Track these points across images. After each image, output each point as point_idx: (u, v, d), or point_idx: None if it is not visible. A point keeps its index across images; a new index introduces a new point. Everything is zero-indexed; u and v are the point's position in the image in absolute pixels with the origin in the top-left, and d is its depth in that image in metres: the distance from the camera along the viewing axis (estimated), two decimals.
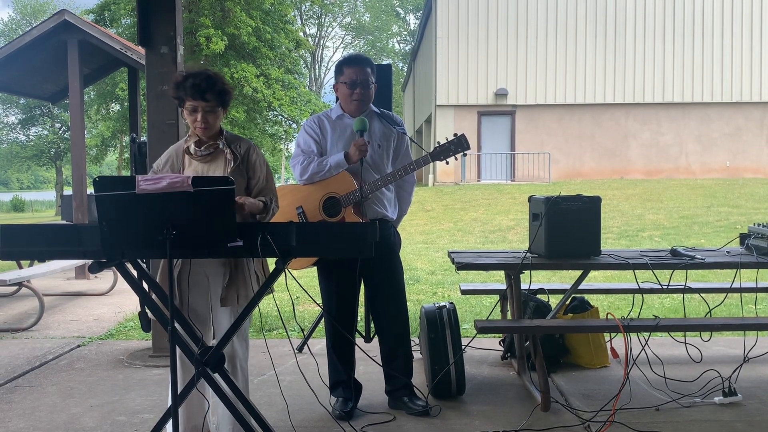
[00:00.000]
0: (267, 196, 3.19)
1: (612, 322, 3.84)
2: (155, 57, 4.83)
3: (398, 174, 3.72)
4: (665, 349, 4.83)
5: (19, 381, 4.56)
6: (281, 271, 2.81)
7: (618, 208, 16.00)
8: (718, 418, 3.70)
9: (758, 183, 19.91)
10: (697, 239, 12.01)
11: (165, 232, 2.59)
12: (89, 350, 5.39)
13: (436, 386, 4.01)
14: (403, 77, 43.62)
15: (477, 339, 4.45)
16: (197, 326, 3.02)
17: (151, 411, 3.90)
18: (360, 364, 3.97)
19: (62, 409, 3.98)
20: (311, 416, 3.75)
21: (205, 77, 3.09)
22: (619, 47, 23.35)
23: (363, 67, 3.80)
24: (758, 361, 4.46)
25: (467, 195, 19.40)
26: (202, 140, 3.18)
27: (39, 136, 38.23)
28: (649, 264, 3.91)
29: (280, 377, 4.26)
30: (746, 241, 4.28)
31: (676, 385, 4.15)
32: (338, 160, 3.71)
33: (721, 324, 4.20)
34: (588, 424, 3.60)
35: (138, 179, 2.57)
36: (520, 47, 23.48)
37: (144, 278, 3.00)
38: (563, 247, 3.96)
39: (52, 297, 7.82)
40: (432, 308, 4.21)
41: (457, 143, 3.75)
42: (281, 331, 5.81)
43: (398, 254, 3.95)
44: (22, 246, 2.81)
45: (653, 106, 23.50)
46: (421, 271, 9.30)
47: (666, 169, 23.47)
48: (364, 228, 2.77)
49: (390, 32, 53.61)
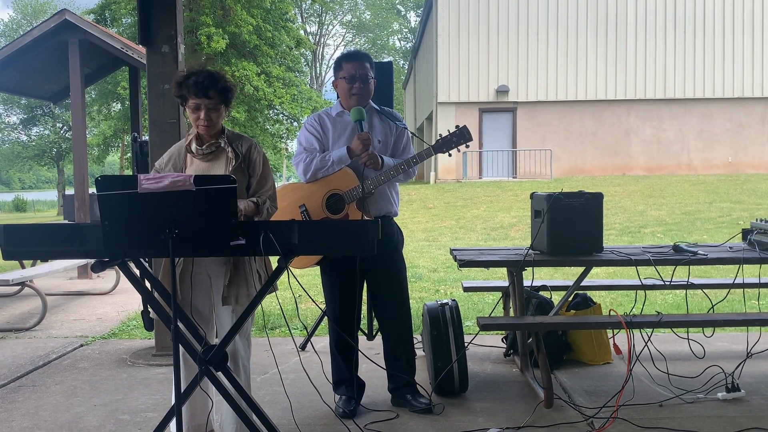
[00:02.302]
0: (262, 195, 3.18)
1: (615, 319, 3.84)
2: (156, 56, 4.83)
3: (401, 168, 3.70)
4: (668, 345, 4.83)
5: (22, 381, 4.57)
6: (284, 270, 2.81)
7: (620, 204, 15.99)
8: (721, 414, 3.70)
9: (760, 178, 19.88)
10: (699, 235, 12.00)
11: (167, 231, 2.59)
12: (92, 350, 5.39)
13: (439, 384, 4.01)
14: (404, 75, 43.59)
15: (480, 336, 4.44)
16: (200, 325, 3.03)
17: (155, 410, 3.90)
18: (363, 362, 3.97)
19: (66, 408, 3.99)
20: (315, 414, 3.76)
21: (208, 75, 3.10)
22: (620, 43, 23.32)
23: (361, 62, 3.80)
24: (761, 357, 4.46)
25: (469, 192, 19.39)
26: (204, 139, 3.18)
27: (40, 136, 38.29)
28: (651, 260, 3.91)
29: (283, 375, 4.26)
30: (749, 237, 4.28)
31: (679, 381, 4.15)
32: (341, 155, 3.71)
33: (724, 320, 4.19)
34: (591, 420, 3.60)
35: (140, 178, 2.57)
36: (521, 44, 23.45)
37: (146, 277, 3.00)
38: (565, 243, 3.95)
39: (55, 296, 7.83)
40: (434, 306, 4.22)
41: (459, 135, 3.75)
42: (284, 329, 5.82)
43: (401, 252, 3.95)
44: (24, 246, 2.81)
45: (655, 102, 23.47)
46: (424, 269, 9.30)
47: (668, 165, 23.44)
48: (366, 226, 2.77)
49: (391, 30, 53.56)
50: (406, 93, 41.40)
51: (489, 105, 23.65)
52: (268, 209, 3.16)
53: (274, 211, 3.22)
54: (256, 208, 3.12)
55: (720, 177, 20.70)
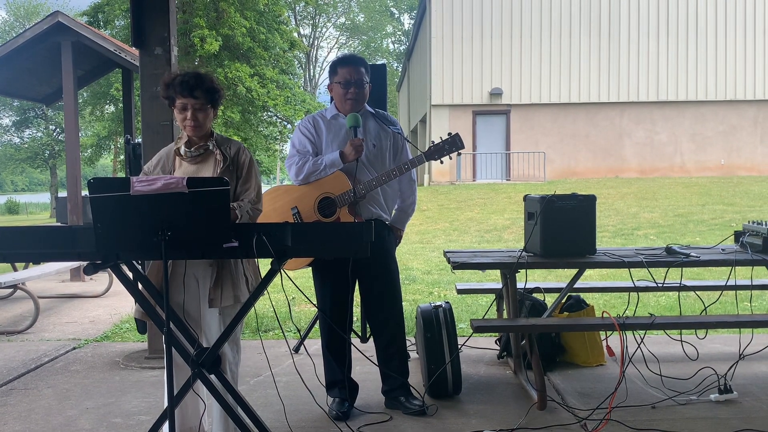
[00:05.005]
0: (243, 196, 3.14)
1: (608, 321, 3.84)
2: (149, 58, 4.82)
3: (393, 173, 3.71)
4: (661, 347, 4.84)
5: (14, 384, 4.55)
6: (277, 272, 2.81)
7: (613, 206, 16.03)
8: (714, 416, 3.71)
9: (753, 181, 19.97)
10: (692, 237, 12.04)
11: (160, 233, 2.58)
12: (85, 352, 5.37)
13: (433, 386, 4.01)
14: (397, 77, 43.63)
15: (473, 338, 4.45)
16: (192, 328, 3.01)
17: (148, 413, 3.89)
18: (356, 364, 3.97)
19: (58, 411, 3.97)
20: (308, 417, 3.75)
21: (194, 75, 3.10)
22: (614, 46, 23.39)
23: (357, 66, 3.80)
24: (754, 358, 4.47)
25: (463, 194, 19.41)
26: (193, 141, 3.18)
27: (33, 138, 38.17)
28: (644, 262, 3.92)
29: (276, 378, 4.25)
30: (741, 239, 4.29)
31: (672, 383, 4.16)
32: (333, 159, 3.71)
33: (717, 321, 4.21)
34: (584, 422, 3.60)
35: (132, 180, 2.57)
36: (515, 47, 23.50)
37: (139, 280, 3.00)
38: (559, 245, 3.96)
39: (48, 299, 7.80)
40: (428, 308, 4.22)
41: (451, 142, 3.76)
42: (278, 332, 5.81)
43: (393, 254, 3.95)
44: (16, 248, 2.80)
45: (648, 104, 23.55)
46: (417, 271, 9.30)
47: (661, 167, 23.52)
48: (359, 228, 2.77)
49: (384, 32, 53.61)
50: (399, 95, 41.43)
51: (482, 107, 23.68)
52: (249, 211, 3.12)
53: (257, 213, 3.19)
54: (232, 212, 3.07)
55: (712, 179, 20.77)
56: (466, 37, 23.55)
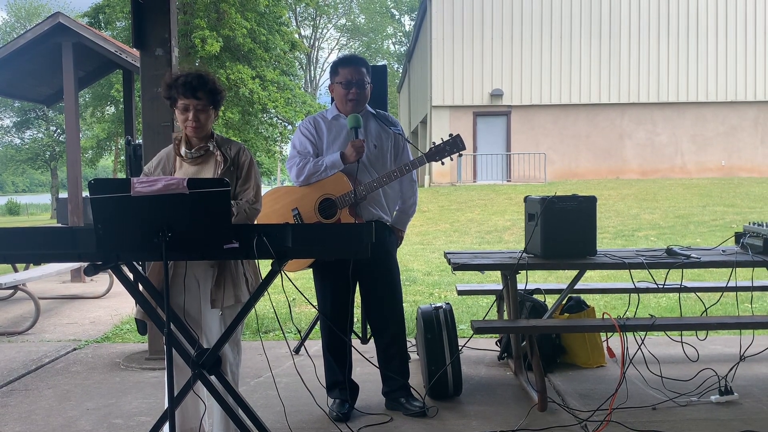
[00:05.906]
0: (242, 195, 3.14)
1: (608, 322, 3.84)
2: (150, 59, 4.82)
3: (393, 175, 3.71)
4: (661, 349, 4.84)
5: (15, 384, 4.55)
6: (277, 273, 2.80)
7: (614, 207, 16.02)
8: (714, 417, 3.71)
9: (753, 182, 19.95)
10: (692, 238, 12.03)
11: (160, 234, 2.58)
12: (85, 353, 5.37)
13: (433, 387, 4.01)
14: (398, 78, 43.63)
15: (474, 339, 4.45)
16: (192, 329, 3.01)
17: (148, 414, 3.89)
18: (357, 365, 3.96)
19: (59, 412, 3.97)
20: (308, 418, 3.75)
21: (197, 76, 3.10)
22: (614, 47, 23.39)
23: (358, 67, 3.80)
24: (754, 360, 4.47)
25: (463, 196, 19.40)
26: (193, 142, 3.18)
27: (34, 139, 38.19)
28: (644, 263, 3.92)
29: (276, 379, 4.25)
30: (741, 240, 4.29)
31: (673, 384, 4.16)
32: (334, 160, 3.71)
33: (717, 323, 4.20)
34: (585, 423, 3.60)
35: (133, 181, 2.57)
36: (515, 48, 23.50)
37: (140, 281, 3.00)
38: (559, 247, 3.96)
39: (48, 300, 7.80)
40: (428, 309, 4.21)
41: (452, 144, 3.76)
42: (278, 333, 5.81)
43: (394, 255, 3.95)
44: (17, 249, 2.80)
45: (648, 105, 23.54)
46: (418, 272, 9.30)
47: (661, 168, 23.51)
48: (359, 229, 2.76)
49: (385, 34, 53.62)
50: (400, 97, 41.43)
51: (483, 109, 23.68)
52: (246, 210, 3.12)
53: (254, 212, 3.18)
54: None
55: (713, 180, 20.76)
56: (466, 38, 23.56)
